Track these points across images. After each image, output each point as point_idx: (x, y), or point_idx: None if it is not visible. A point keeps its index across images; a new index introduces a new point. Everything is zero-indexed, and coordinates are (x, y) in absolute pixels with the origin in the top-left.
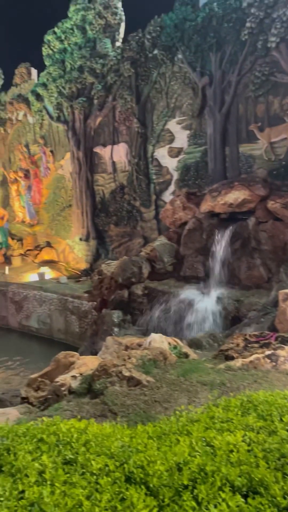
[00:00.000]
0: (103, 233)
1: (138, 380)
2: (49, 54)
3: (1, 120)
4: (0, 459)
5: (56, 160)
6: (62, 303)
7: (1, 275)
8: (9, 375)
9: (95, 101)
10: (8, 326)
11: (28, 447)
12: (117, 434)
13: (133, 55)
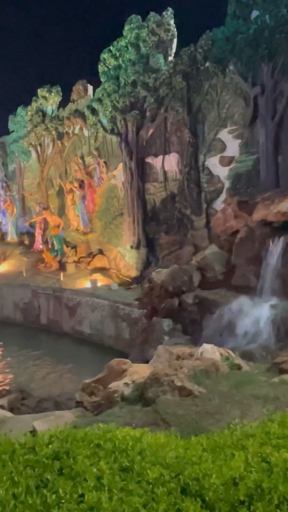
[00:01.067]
0: (154, 241)
1: (190, 391)
2: (105, 71)
3: (59, 134)
4: (60, 462)
5: (109, 171)
6: (113, 309)
7: (57, 281)
8: (62, 378)
9: (148, 113)
10: (61, 331)
11: (86, 452)
12: (171, 445)
13: (185, 68)
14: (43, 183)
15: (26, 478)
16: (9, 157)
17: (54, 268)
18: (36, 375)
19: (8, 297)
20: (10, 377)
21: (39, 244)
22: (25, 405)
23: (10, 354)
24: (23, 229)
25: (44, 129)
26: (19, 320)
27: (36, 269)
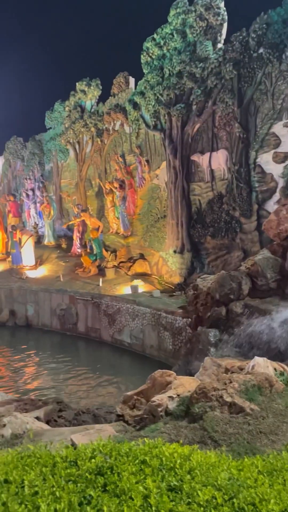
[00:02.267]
0: (199, 245)
1: (241, 407)
2: (148, 61)
3: (98, 131)
4: (104, 478)
5: (152, 170)
6: (155, 318)
7: (95, 287)
8: (101, 390)
9: (194, 106)
10: (101, 339)
11: (131, 468)
12: (223, 465)
13: (236, 56)
14: (81, 184)
15: (69, 494)
16: (45, 155)
17: (93, 273)
18: (73, 385)
19: (44, 303)
20: (46, 387)
21: (77, 248)
22: (62, 417)
23: (46, 363)
24: (60, 232)
25: (83, 125)
26: (56, 327)
27: (74, 274)
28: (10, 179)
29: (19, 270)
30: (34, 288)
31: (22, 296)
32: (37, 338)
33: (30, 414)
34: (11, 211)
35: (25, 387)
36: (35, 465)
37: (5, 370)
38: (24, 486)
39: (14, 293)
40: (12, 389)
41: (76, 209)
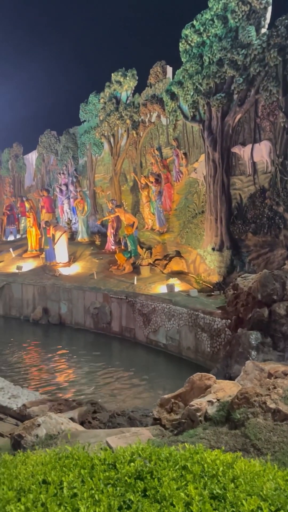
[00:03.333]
0: (239, 243)
1: (286, 415)
2: (186, 49)
3: (134, 123)
4: (143, 482)
5: (189, 163)
6: (192, 318)
7: (130, 285)
8: (136, 392)
9: (235, 96)
10: (135, 340)
11: (172, 473)
12: (269, 474)
13: (281, 41)
14: (115, 178)
15: (108, 497)
16: (79, 149)
17: (127, 271)
18: (107, 387)
19: (78, 301)
20: (80, 388)
21: (111, 245)
22: (97, 419)
23: (79, 363)
24: (94, 228)
25: (118, 117)
26: (89, 326)
27: (107, 271)
28: (44, 174)
29: (52, 267)
30: (67, 286)
31: (56, 293)
32: (70, 337)
33: (65, 415)
34: (45, 207)
35: (58, 387)
36: (73, 466)
37: (37, 369)
38: (62, 487)
39: (48, 290)
40: (45, 389)
41: (110, 205)
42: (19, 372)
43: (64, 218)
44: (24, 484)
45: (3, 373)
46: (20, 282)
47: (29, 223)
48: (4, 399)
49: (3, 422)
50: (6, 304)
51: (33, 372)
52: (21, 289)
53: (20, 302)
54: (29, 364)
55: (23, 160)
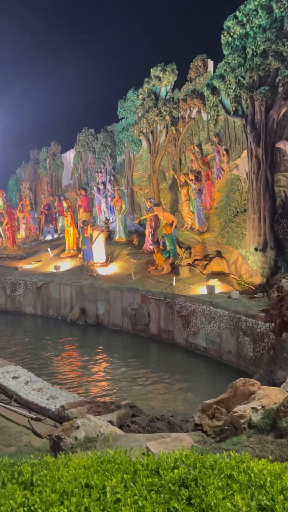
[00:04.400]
0: (284, 243)
1: None
2: (229, 41)
3: (173, 119)
4: (188, 490)
5: (231, 160)
6: (233, 321)
7: (168, 286)
8: (175, 396)
9: (280, 89)
10: (173, 342)
11: (218, 482)
12: None
13: None
14: (154, 176)
15: (152, 504)
16: (117, 147)
17: (166, 271)
18: (145, 390)
19: (116, 302)
20: (116, 390)
21: (149, 245)
22: (136, 423)
23: (116, 365)
24: (131, 227)
25: (157, 114)
26: (127, 328)
27: (145, 272)
28: (81, 173)
29: (89, 267)
30: (105, 286)
31: (93, 294)
32: (108, 338)
33: (103, 418)
34: (82, 206)
35: (94, 389)
36: (115, 471)
37: (74, 370)
38: (105, 492)
39: (85, 290)
40: (82, 390)
41: (149, 203)
42: (56, 373)
43: (101, 217)
44: (67, 487)
45: (41, 373)
46: (58, 282)
47: (67, 222)
48: (42, 400)
49: (42, 423)
50: (44, 304)
51: (70, 373)
52: (59, 289)
53: (58, 302)
54: (66, 365)
55: (60, 158)
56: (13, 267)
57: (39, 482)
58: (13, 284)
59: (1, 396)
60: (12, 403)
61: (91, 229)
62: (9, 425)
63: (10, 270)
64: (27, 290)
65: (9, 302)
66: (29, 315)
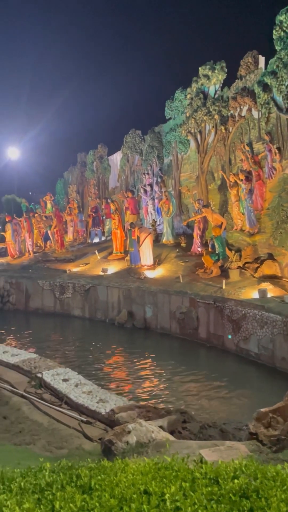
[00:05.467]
0: None
1: None
2: (281, 36)
3: (222, 118)
4: (249, 501)
5: (284, 158)
6: (287, 327)
7: (218, 290)
8: (226, 403)
9: None
10: (223, 347)
11: (281, 494)
12: None
13: None
14: (202, 177)
15: None
16: (165, 148)
17: (215, 275)
18: (194, 396)
19: (163, 305)
20: (167, 395)
21: (197, 247)
22: (187, 429)
23: (164, 369)
24: (179, 229)
25: (205, 113)
26: (175, 332)
27: (194, 275)
28: (128, 175)
29: (137, 270)
30: (152, 289)
31: (140, 297)
32: (156, 342)
33: (154, 423)
34: (129, 208)
35: (143, 393)
36: (173, 478)
37: (122, 374)
38: (164, 499)
39: (133, 293)
40: (130, 394)
41: (197, 205)
42: (104, 376)
43: (148, 220)
44: (126, 493)
45: (89, 376)
46: (106, 285)
47: (114, 225)
48: (92, 403)
49: (92, 426)
50: (92, 307)
51: (118, 377)
52: (106, 292)
53: (105, 304)
54: (114, 368)
55: (107, 161)
56: (62, 269)
57: (97, 486)
58: (61, 286)
59: (52, 398)
60: (62, 405)
61: (139, 231)
62: (60, 427)
63: (59, 273)
64: (75, 292)
65: (58, 304)
66: (77, 317)
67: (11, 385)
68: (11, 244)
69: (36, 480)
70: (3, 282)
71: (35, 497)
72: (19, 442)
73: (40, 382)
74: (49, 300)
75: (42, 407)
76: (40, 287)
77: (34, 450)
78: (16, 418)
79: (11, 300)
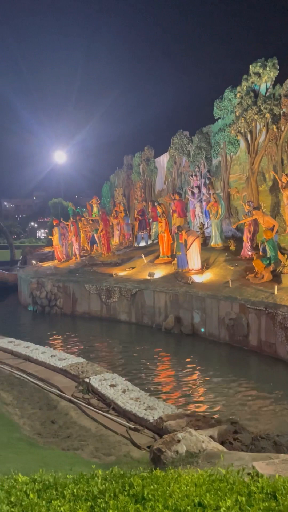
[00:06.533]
0: None
1: None
2: None
3: (274, 117)
4: None
5: None
6: None
7: (270, 295)
8: (279, 414)
9: None
10: (276, 356)
11: None
12: None
13: None
14: (253, 178)
15: None
16: (213, 149)
17: (266, 279)
18: (245, 405)
19: (212, 311)
20: (215, 404)
21: (247, 251)
22: (238, 440)
23: (212, 377)
24: (228, 232)
25: (256, 112)
26: (224, 339)
27: (244, 279)
28: (175, 177)
29: (184, 274)
30: (200, 294)
31: (188, 302)
32: (204, 349)
33: (204, 432)
34: (176, 211)
35: (190, 401)
36: (228, 491)
37: (168, 381)
38: None
39: (180, 298)
40: (177, 402)
41: (247, 207)
42: (151, 383)
43: (196, 223)
44: (179, 504)
45: (136, 382)
46: (152, 289)
47: (161, 228)
48: (140, 410)
49: (140, 434)
50: (139, 312)
51: (165, 384)
52: (153, 296)
53: (152, 309)
54: (161, 375)
55: (154, 163)
56: (108, 273)
57: (150, 496)
58: (108, 290)
59: (100, 404)
60: (110, 411)
61: (186, 234)
62: (108, 433)
63: (105, 277)
64: (121, 297)
65: (104, 309)
66: (123, 322)
67: (59, 390)
68: (58, 248)
69: (89, 487)
70: (51, 286)
71: (88, 505)
72: (67, 447)
73: (88, 387)
74: (95, 304)
75: (89, 412)
76: (87, 291)
77: (82, 455)
78: (64, 423)
79: (58, 303)
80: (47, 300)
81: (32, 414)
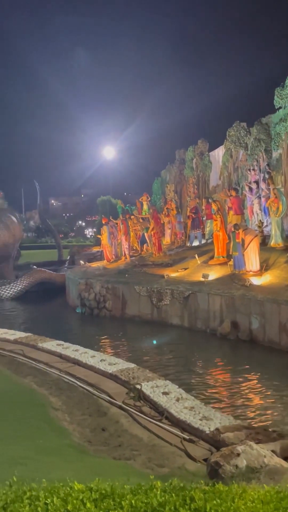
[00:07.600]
0: None
1: None
2: None
3: None
4: None
5: None
6: None
7: None
8: None
9: None
10: None
11: None
12: None
13: None
14: None
15: None
16: (273, 141)
17: None
18: None
19: (272, 316)
20: (275, 417)
21: None
22: None
23: (273, 388)
24: None
25: None
26: (285, 346)
27: None
28: (231, 172)
29: (241, 276)
30: (259, 298)
31: (245, 306)
32: (262, 357)
33: (266, 446)
34: (233, 208)
35: (248, 413)
36: None
37: (224, 390)
38: None
39: (236, 302)
40: (233, 413)
41: None
42: (205, 391)
43: (254, 221)
44: None
45: (190, 390)
46: (207, 292)
47: (216, 226)
48: (195, 420)
49: (195, 445)
50: (192, 316)
51: (221, 393)
52: (208, 300)
53: (207, 313)
54: (216, 383)
55: (208, 157)
56: (159, 274)
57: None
58: (159, 293)
59: (152, 412)
60: (163, 420)
61: (243, 233)
62: (161, 444)
63: (156, 278)
64: (173, 299)
65: (155, 312)
66: (175, 326)
67: (109, 396)
68: (107, 247)
69: (147, 499)
70: (99, 287)
71: None
72: (119, 456)
73: (139, 394)
74: (146, 307)
75: (141, 420)
76: (137, 293)
77: (134, 466)
78: (115, 431)
79: (107, 306)
80: (95, 302)
81: (82, 421)
